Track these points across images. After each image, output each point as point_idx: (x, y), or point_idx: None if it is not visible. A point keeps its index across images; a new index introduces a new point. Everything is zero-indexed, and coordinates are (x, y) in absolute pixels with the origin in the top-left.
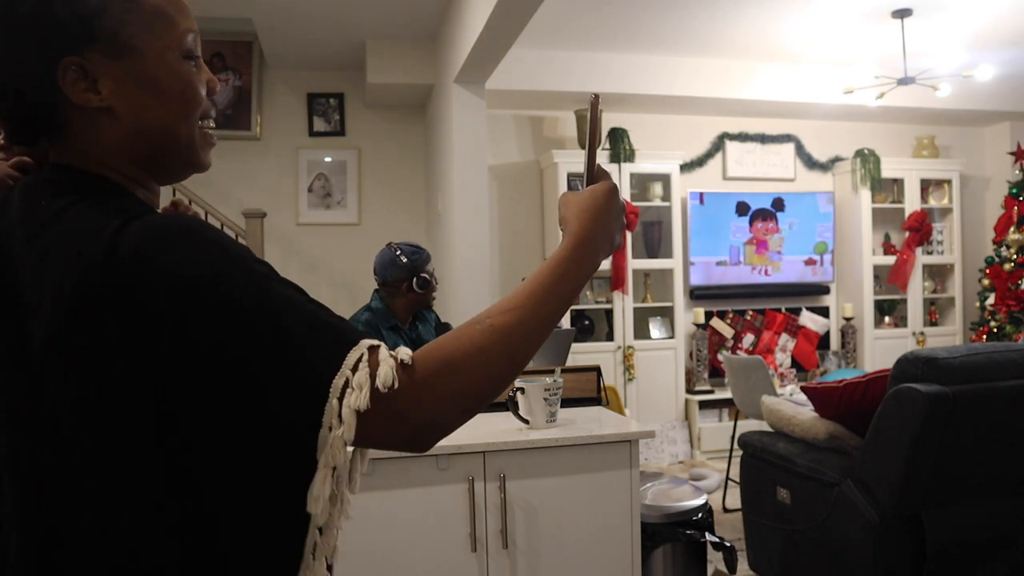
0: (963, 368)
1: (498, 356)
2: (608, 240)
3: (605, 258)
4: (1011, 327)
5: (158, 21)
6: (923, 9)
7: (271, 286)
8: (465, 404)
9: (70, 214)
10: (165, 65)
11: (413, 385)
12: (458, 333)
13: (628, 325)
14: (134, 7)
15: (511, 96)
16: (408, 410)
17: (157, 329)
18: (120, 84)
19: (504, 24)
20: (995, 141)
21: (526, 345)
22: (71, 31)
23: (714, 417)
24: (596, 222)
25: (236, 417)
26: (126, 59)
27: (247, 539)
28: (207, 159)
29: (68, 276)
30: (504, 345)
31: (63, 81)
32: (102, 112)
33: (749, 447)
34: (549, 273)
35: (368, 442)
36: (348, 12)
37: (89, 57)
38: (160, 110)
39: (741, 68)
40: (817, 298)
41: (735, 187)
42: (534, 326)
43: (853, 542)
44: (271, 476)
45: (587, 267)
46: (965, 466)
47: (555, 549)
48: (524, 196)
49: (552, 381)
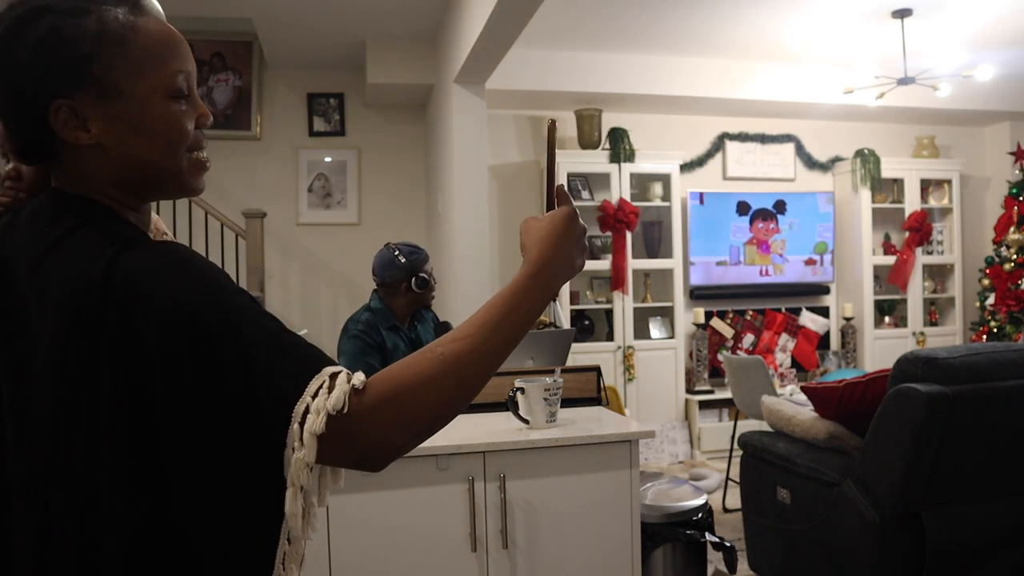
0: (963, 368)
1: (446, 383)
2: (567, 265)
3: (564, 282)
4: (1011, 327)
5: (148, 65)
6: (923, 9)
7: (248, 316)
8: (413, 429)
9: (70, 242)
10: (151, 107)
11: (363, 410)
12: (411, 360)
13: (628, 325)
14: (123, 53)
15: (511, 96)
16: (357, 434)
17: (144, 353)
18: (108, 124)
19: (504, 24)
20: (995, 141)
21: (476, 373)
22: (63, 76)
23: (714, 417)
24: (555, 249)
25: (213, 435)
26: (114, 102)
27: (220, 548)
28: (197, 185)
29: (68, 299)
30: (453, 373)
31: (54, 121)
32: (92, 147)
33: (749, 447)
34: (503, 303)
35: (325, 462)
36: (348, 12)
37: (79, 99)
38: (145, 147)
39: (741, 68)
40: (817, 298)
41: (735, 187)
42: (484, 354)
43: (853, 542)
44: (243, 489)
45: (543, 294)
46: (965, 466)
47: (555, 549)
48: (524, 196)
49: (552, 381)
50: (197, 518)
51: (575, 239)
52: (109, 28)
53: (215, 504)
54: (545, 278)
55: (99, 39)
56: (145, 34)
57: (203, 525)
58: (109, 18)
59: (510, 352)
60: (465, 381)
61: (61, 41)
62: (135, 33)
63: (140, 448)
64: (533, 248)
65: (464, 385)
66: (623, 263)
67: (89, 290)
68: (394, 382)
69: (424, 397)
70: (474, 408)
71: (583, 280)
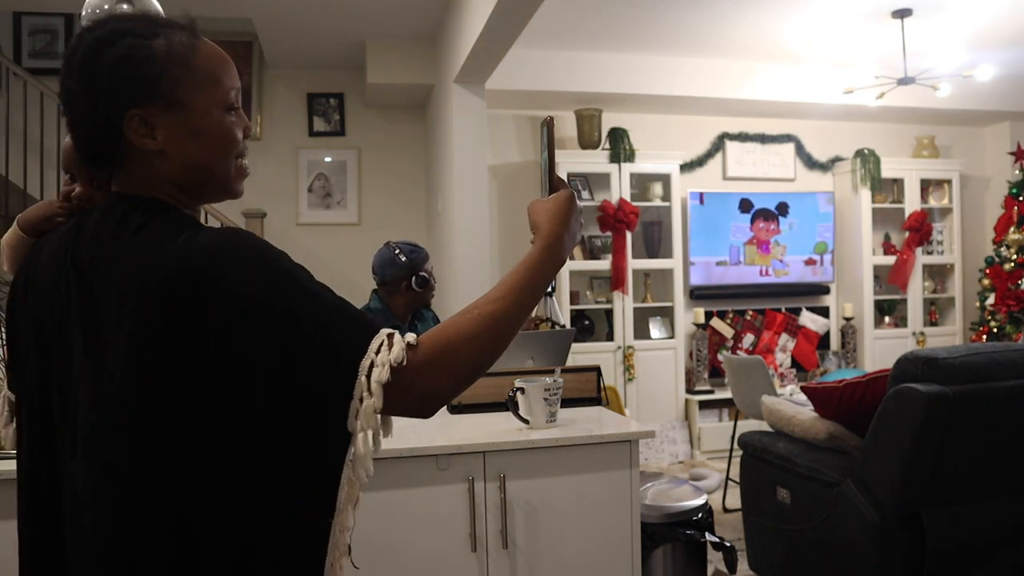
0: (963, 368)
1: (486, 338)
2: (572, 238)
3: (570, 252)
4: (1011, 327)
5: (207, 83)
6: (923, 9)
7: (309, 289)
8: (459, 377)
9: (145, 230)
10: (209, 118)
11: (418, 362)
12: (454, 320)
13: (628, 325)
14: (188, 72)
15: (511, 96)
16: (414, 383)
17: (218, 326)
18: (172, 132)
19: (504, 24)
20: (995, 141)
21: (509, 329)
22: (136, 90)
23: (714, 417)
24: (562, 224)
25: (284, 398)
26: (178, 113)
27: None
28: (239, 188)
29: (150, 280)
30: (491, 330)
31: (127, 128)
32: (156, 153)
33: (749, 447)
34: (526, 269)
35: (385, 411)
36: (348, 12)
37: (149, 110)
38: (203, 153)
39: (741, 68)
40: (817, 298)
41: (735, 187)
42: (515, 314)
43: (853, 542)
44: (312, 438)
45: (557, 261)
46: (965, 466)
47: (555, 549)
48: (524, 196)
49: (552, 381)
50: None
51: (576, 216)
52: (175, 50)
53: (288, 454)
54: (556, 248)
55: (167, 59)
56: (204, 55)
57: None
58: (175, 40)
59: (530, 313)
60: (499, 337)
61: (135, 60)
62: (196, 54)
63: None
64: (545, 224)
65: (499, 340)
66: (623, 263)
67: (168, 271)
68: (443, 339)
69: (467, 350)
70: (474, 408)
71: (583, 280)
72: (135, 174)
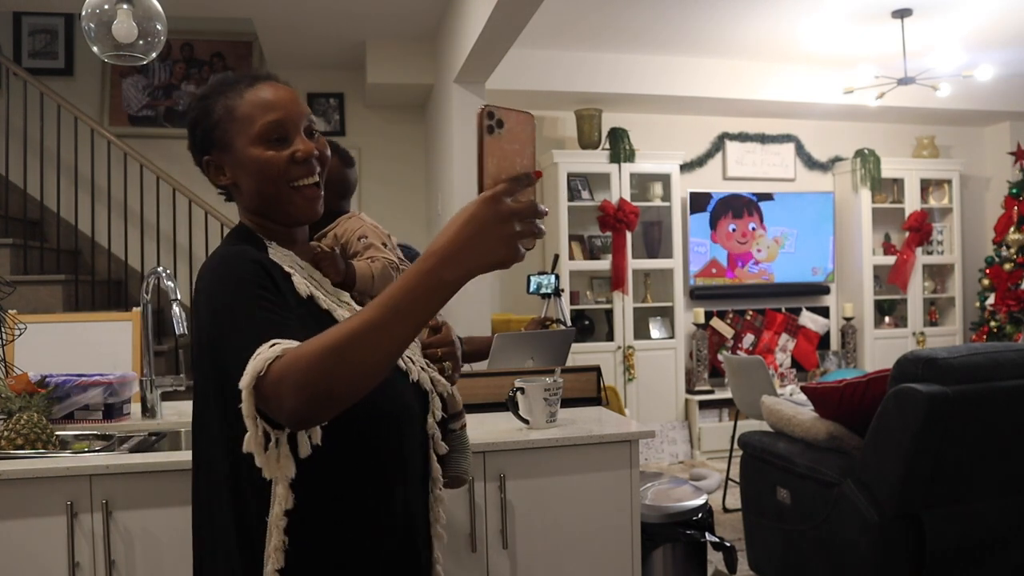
0: (963, 368)
1: (329, 358)
2: (474, 251)
3: (467, 271)
4: (1011, 327)
5: (245, 124)
6: (923, 9)
7: (245, 306)
8: (308, 393)
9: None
10: (245, 153)
11: (272, 375)
12: (325, 331)
13: (628, 325)
14: (231, 119)
15: (511, 96)
16: (270, 396)
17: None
18: (232, 169)
19: (504, 24)
20: (995, 141)
21: (358, 349)
22: (204, 141)
23: (714, 417)
24: (457, 233)
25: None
26: (229, 152)
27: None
28: (302, 211)
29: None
30: (335, 348)
31: (205, 171)
32: (232, 186)
33: (749, 447)
34: (393, 287)
35: (269, 418)
36: (348, 12)
37: (215, 155)
38: (251, 182)
39: (741, 68)
40: (817, 298)
41: (735, 187)
42: (373, 335)
43: (853, 542)
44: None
45: (430, 282)
46: (965, 466)
47: (555, 549)
48: None
49: (552, 381)
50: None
51: (490, 222)
52: (226, 103)
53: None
54: (436, 266)
55: (220, 113)
56: (246, 102)
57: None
58: (230, 95)
59: (400, 334)
60: (345, 356)
61: (199, 120)
62: (241, 103)
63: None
64: (440, 234)
65: (345, 360)
66: (623, 263)
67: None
68: (296, 353)
69: (311, 367)
70: (474, 408)
71: (583, 280)
72: (237, 204)
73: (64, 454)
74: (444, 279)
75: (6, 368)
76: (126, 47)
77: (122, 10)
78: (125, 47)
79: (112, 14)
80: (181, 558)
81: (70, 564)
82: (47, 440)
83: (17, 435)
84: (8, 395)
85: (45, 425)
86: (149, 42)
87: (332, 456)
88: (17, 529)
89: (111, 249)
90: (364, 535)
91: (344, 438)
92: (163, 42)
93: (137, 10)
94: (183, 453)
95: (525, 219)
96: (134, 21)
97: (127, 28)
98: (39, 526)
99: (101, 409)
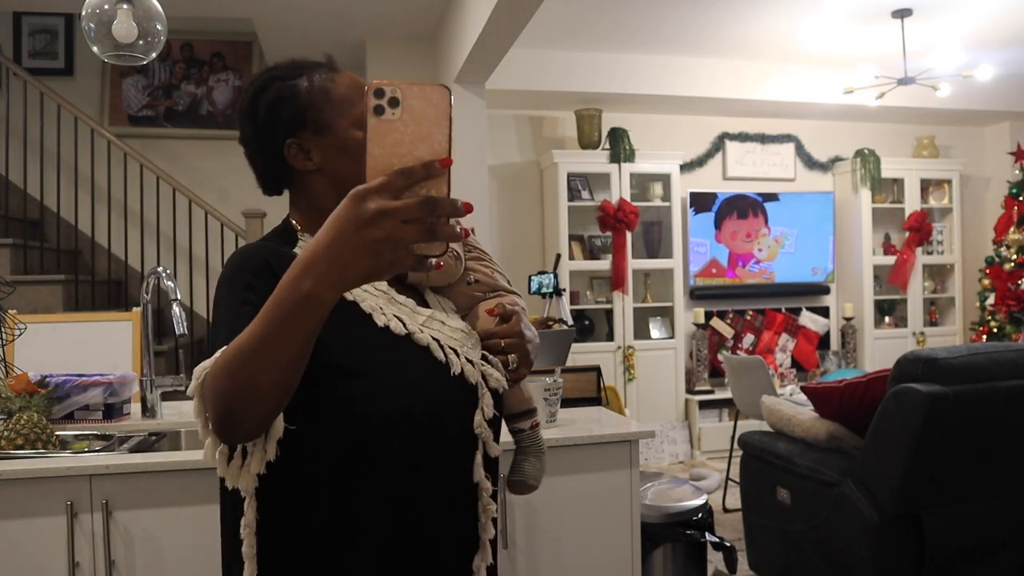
0: (963, 368)
1: (223, 375)
2: (332, 260)
3: (351, 281)
4: (1011, 327)
5: (345, 106)
6: (923, 9)
7: (226, 309)
8: (213, 411)
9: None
10: (350, 135)
11: (201, 384)
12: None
13: (628, 325)
14: (328, 100)
15: (511, 96)
16: (201, 404)
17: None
18: (324, 152)
19: (504, 24)
20: (995, 141)
21: (244, 365)
22: (290, 122)
23: (714, 417)
24: (318, 238)
25: None
26: (325, 135)
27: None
28: None
29: None
30: (225, 366)
31: (288, 155)
32: (313, 172)
33: (749, 447)
34: (274, 293)
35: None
36: (348, 12)
37: (302, 137)
38: (351, 164)
39: (741, 68)
40: (817, 298)
41: (735, 187)
42: (249, 347)
43: (853, 542)
44: None
45: (296, 291)
46: (965, 466)
47: (555, 549)
48: (524, 196)
49: (552, 381)
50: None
51: (341, 231)
52: (316, 85)
53: None
54: (294, 275)
55: (310, 93)
56: (341, 85)
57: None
58: (316, 78)
59: (279, 349)
60: (234, 374)
61: (285, 99)
62: (334, 85)
63: None
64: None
65: (234, 377)
66: (623, 263)
67: None
68: (214, 364)
69: (216, 383)
70: None
71: (583, 280)
72: (297, 196)
73: (64, 454)
74: (305, 291)
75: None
76: (126, 47)
77: (122, 10)
78: (125, 47)
79: (112, 14)
80: (181, 558)
81: (70, 564)
82: (47, 440)
83: (17, 435)
84: (8, 395)
85: (45, 425)
86: (149, 42)
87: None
88: (17, 529)
89: (111, 249)
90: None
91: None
92: (163, 42)
93: (137, 10)
94: (183, 453)
95: (413, 219)
96: (134, 21)
97: (127, 28)
98: (39, 526)
99: (101, 409)
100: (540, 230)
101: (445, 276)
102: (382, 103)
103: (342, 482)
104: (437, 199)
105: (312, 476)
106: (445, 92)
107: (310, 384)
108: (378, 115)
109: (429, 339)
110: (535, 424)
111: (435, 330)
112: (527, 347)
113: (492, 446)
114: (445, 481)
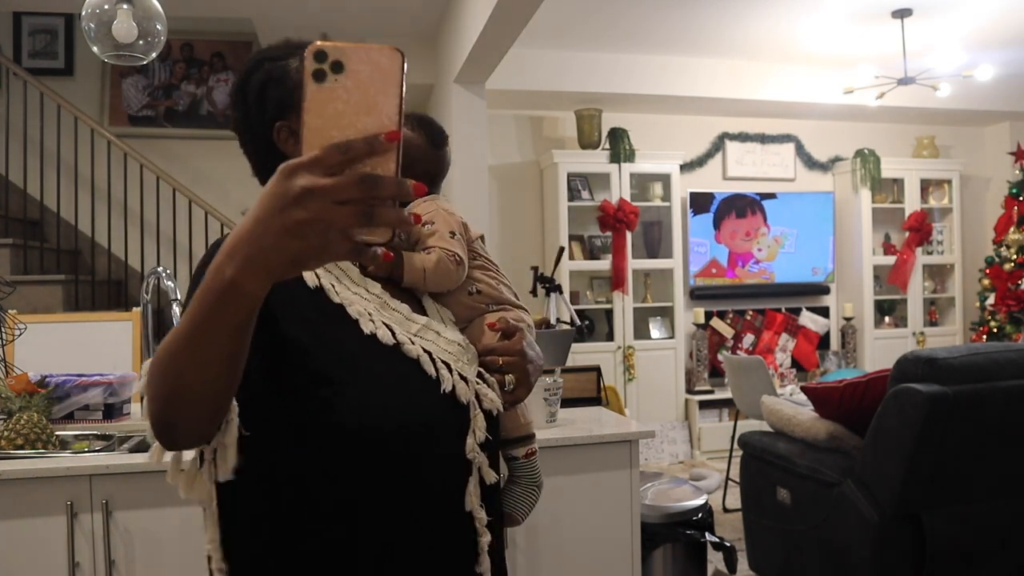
0: (963, 368)
1: (157, 371)
2: (255, 242)
3: (278, 268)
4: (1011, 327)
5: None
6: (923, 9)
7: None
8: (150, 409)
9: None
10: None
11: (145, 383)
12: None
13: (628, 325)
14: None
15: (511, 96)
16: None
17: None
18: None
19: (504, 24)
20: (995, 141)
21: (172, 362)
22: (279, 105)
23: (714, 417)
24: (245, 218)
25: None
26: None
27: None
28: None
29: None
30: (158, 361)
31: (277, 139)
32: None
33: (749, 447)
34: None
35: None
36: (348, 12)
37: (292, 120)
38: None
39: (741, 68)
40: (817, 298)
41: (735, 187)
42: (176, 343)
43: (853, 542)
44: None
45: (219, 278)
46: (965, 466)
47: (555, 549)
48: (524, 196)
49: (552, 381)
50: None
51: (265, 209)
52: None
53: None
54: (219, 260)
55: (300, 73)
56: None
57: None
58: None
59: (203, 344)
60: (164, 372)
61: (275, 80)
62: None
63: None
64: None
65: (165, 376)
66: (623, 263)
67: None
68: (150, 362)
69: (150, 382)
70: None
71: (583, 280)
72: None
73: (64, 454)
74: (227, 279)
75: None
76: (126, 47)
77: (122, 10)
78: (125, 47)
79: (112, 14)
80: (181, 558)
81: (70, 564)
82: (47, 440)
83: (17, 435)
84: (8, 395)
85: (45, 425)
86: (149, 42)
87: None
88: (17, 529)
89: (111, 249)
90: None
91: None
92: (163, 42)
93: (137, 10)
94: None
95: (349, 200)
96: (134, 21)
97: (127, 28)
98: (39, 526)
99: (101, 409)
100: (540, 230)
101: (444, 282)
102: (323, 67)
103: (310, 501)
104: (377, 177)
105: (276, 491)
106: (397, 55)
107: (285, 389)
108: (318, 81)
109: (420, 351)
110: (532, 452)
111: (428, 341)
112: (527, 368)
113: (488, 472)
114: (430, 508)
